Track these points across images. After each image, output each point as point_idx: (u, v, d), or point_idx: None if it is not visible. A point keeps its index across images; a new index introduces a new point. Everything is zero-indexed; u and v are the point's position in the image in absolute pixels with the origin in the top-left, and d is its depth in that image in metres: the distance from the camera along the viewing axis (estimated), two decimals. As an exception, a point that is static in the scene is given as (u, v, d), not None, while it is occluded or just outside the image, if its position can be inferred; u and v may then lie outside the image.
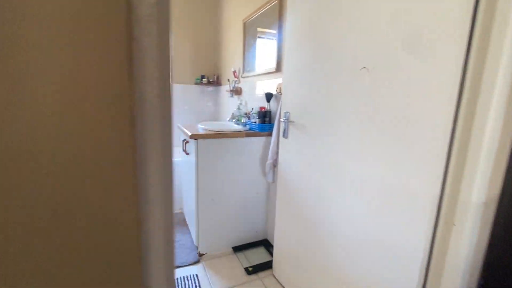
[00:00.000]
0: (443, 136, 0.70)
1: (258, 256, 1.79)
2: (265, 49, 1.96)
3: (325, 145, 1.10)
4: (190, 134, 1.58)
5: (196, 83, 2.94)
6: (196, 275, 1.56)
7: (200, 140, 1.59)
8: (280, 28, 1.68)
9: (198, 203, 1.67)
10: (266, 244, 1.90)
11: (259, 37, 2.09)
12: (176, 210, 2.46)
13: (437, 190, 0.72)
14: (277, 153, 1.49)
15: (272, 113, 1.76)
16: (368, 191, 0.92)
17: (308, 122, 1.20)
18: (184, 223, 2.20)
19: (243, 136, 1.69)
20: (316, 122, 1.16)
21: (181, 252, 1.77)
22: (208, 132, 1.66)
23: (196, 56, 2.95)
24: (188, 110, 3.04)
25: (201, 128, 1.82)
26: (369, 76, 0.89)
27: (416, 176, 0.77)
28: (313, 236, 1.20)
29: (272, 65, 1.75)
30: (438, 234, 0.74)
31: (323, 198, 1.13)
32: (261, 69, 1.95)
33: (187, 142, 1.77)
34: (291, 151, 1.35)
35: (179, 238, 1.96)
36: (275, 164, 1.56)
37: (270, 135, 1.69)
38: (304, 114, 1.23)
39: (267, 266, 1.66)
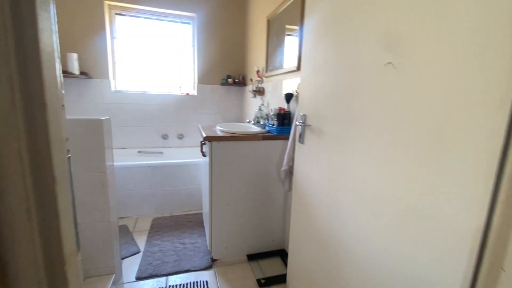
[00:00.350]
0: (492, 152, 0.53)
1: (273, 267, 1.68)
2: (289, 47, 1.84)
3: (344, 154, 0.96)
4: (204, 135, 1.54)
5: (222, 84, 2.92)
6: (206, 282, 1.51)
7: (214, 143, 1.54)
8: (302, 23, 1.55)
9: (211, 207, 1.62)
10: (283, 255, 1.78)
11: (288, 35, 1.97)
12: (198, 210, 2.46)
13: (480, 222, 0.55)
14: (293, 159, 1.37)
15: (291, 115, 1.64)
16: (391, 212, 0.76)
17: (326, 127, 1.07)
18: (202, 224, 2.18)
19: (259, 139, 1.60)
20: (334, 127, 1.01)
21: (194, 256, 1.75)
22: (224, 134, 1.60)
23: (223, 56, 2.93)
24: (215, 111, 3.04)
25: (218, 129, 1.77)
26: (395, 74, 0.74)
27: (452, 201, 0.60)
28: (328, 254, 1.06)
29: (293, 63, 1.63)
30: (481, 278, 0.57)
31: (339, 214, 0.99)
32: (283, 68, 1.83)
33: (204, 143, 1.73)
34: (307, 158, 1.22)
35: (195, 240, 1.94)
36: (291, 171, 1.44)
37: (288, 138, 1.56)
38: (322, 117, 1.10)
39: (281, 279, 1.54)
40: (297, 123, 1.23)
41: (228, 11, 2.84)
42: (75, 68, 2.34)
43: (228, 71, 2.97)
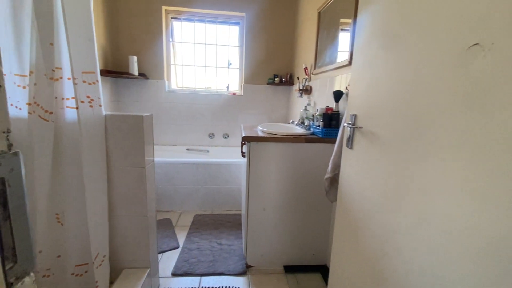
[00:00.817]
0: None
1: (311, 284, 1.52)
2: (340, 40, 1.64)
3: (405, 167, 0.76)
4: (244, 135, 1.47)
5: (269, 83, 2.84)
6: (238, 289, 1.44)
7: (253, 143, 1.45)
8: (356, 11, 1.35)
9: (248, 210, 1.54)
10: (324, 272, 1.60)
11: (342, 30, 1.78)
12: (238, 211, 2.43)
13: None
14: (339, 166, 1.19)
15: (340, 116, 1.45)
16: (472, 248, 0.55)
17: (381, 130, 0.87)
18: (241, 226, 2.13)
19: (302, 142, 1.46)
20: (392, 131, 0.82)
21: (229, 258, 1.70)
22: (264, 135, 1.51)
23: (270, 55, 2.85)
24: (260, 111, 2.98)
25: (259, 129, 1.69)
26: (485, 59, 0.53)
27: None
28: (378, 282, 0.87)
29: (345, 57, 1.44)
30: None
31: (396, 239, 0.79)
32: (333, 64, 1.65)
33: (244, 143, 1.67)
34: (355, 166, 1.04)
35: (232, 242, 1.90)
36: (337, 180, 1.26)
37: (335, 142, 1.38)
38: (376, 118, 0.91)
39: (320, 300, 1.37)
40: (346, 124, 1.06)
41: (278, 7, 2.75)
42: (134, 70, 2.55)
43: (275, 70, 2.87)
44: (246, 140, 1.45)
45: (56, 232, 1.10)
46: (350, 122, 1.05)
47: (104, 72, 2.43)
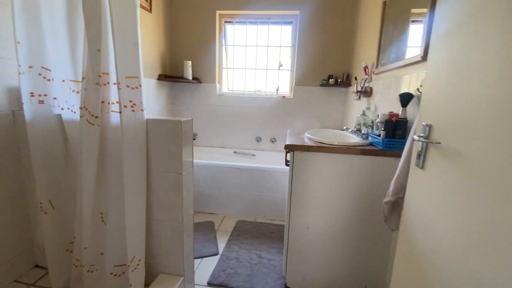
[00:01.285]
0: None
1: (362, 323, 1.27)
2: (411, 35, 1.36)
3: None
4: (287, 142, 1.32)
5: (322, 85, 2.61)
6: (274, 314, 1.30)
7: (297, 152, 1.30)
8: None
9: (289, 226, 1.39)
10: (379, 311, 1.33)
11: (413, 21, 1.48)
12: (281, 221, 2.28)
13: None
14: (404, 189, 0.94)
15: (408, 124, 1.18)
16: None
17: (473, 149, 0.63)
18: (283, 239, 1.98)
19: (357, 153, 1.23)
20: (493, 152, 0.57)
21: (267, 275, 1.56)
22: (311, 143, 1.33)
23: (326, 54, 2.62)
24: (312, 115, 2.77)
25: (306, 137, 1.51)
26: None
27: None
28: None
29: (416, 52, 1.16)
30: None
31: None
32: (401, 60, 1.36)
33: (288, 151, 1.52)
34: (428, 193, 0.79)
35: (273, 257, 1.76)
36: (400, 205, 1.00)
37: (400, 156, 1.12)
38: (465, 131, 0.66)
39: None
40: (416, 137, 0.82)
41: (336, 1, 2.51)
42: (189, 74, 2.65)
43: (330, 70, 2.63)
44: (288, 148, 1.30)
45: (100, 230, 1.15)
46: (422, 135, 0.81)
47: (162, 77, 2.58)
